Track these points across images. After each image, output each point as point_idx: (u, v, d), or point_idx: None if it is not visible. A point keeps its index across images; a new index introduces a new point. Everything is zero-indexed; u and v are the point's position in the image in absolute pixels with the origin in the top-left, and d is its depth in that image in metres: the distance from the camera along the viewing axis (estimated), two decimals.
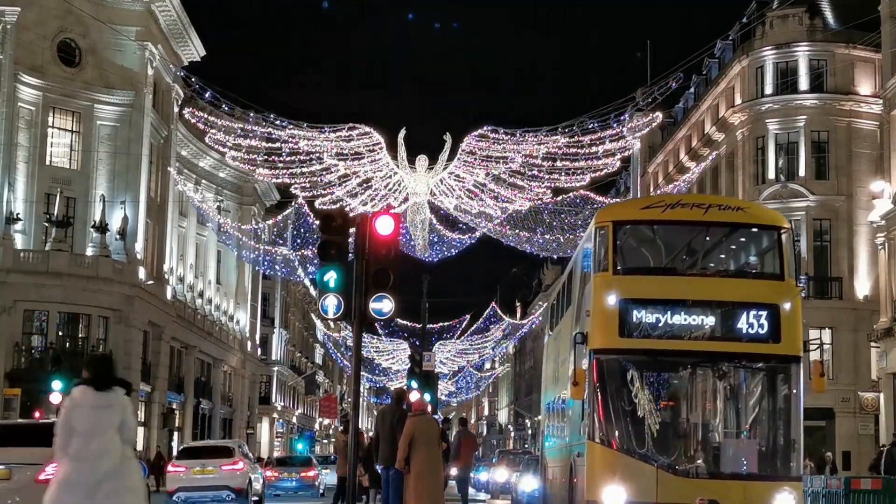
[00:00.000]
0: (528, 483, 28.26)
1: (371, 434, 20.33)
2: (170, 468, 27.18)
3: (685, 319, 14.85)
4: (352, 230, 15.98)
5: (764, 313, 14.75)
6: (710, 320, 14.95)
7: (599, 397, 14.75)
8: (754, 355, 14.97)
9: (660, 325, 14.80)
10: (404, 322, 63.86)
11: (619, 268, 15.21)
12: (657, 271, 15.91)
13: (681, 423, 15.34)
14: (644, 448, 14.70)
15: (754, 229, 16.00)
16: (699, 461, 14.84)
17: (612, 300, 14.78)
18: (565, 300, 19.58)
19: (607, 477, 14.49)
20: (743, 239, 16.22)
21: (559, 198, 35.38)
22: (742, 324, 14.78)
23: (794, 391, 14.84)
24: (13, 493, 14.10)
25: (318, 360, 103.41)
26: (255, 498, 27.19)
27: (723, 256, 16.39)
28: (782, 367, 14.89)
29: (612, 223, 15.43)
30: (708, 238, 16.00)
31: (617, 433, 14.79)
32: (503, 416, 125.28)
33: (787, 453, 14.91)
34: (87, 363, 9.12)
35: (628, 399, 14.83)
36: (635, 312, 14.82)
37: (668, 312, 14.81)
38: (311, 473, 38.32)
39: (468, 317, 70.93)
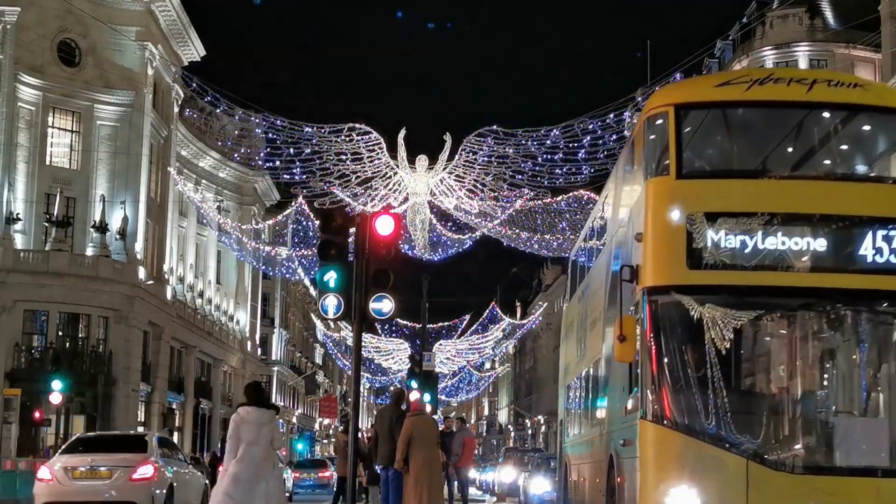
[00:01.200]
0: (540, 485, 26.11)
1: (368, 433, 20.36)
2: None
3: (782, 242, 10.41)
4: (352, 230, 16.01)
5: None
6: (818, 243, 10.47)
7: (656, 358, 10.35)
8: (885, 293, 10.44)
9: (745, 250, 10.40)
10: (404, 322, 63.85)
11: (684, 170, 10.76)
12: (740, 174, 11.33)
13: (778, 394, 10.91)
14: (726, 430, 10.19)
15: (879, 113, 11.26)
16: (807, 450, 10.37)
17: (675, 216, 10.49)
18: (595, 238, 15.04)
19: (673, 473, 10.09)
20: (863, 127, 11.54)
21: (559, 198, 35.38)
22: (866, 248, 10.45)
23: None
24: (111, 489, 17.70)
25: (318, 360, 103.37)
26: (286, 494, 29.61)
27: (835, 152, 11.57)
28: None
29: (673, 107, 10.95)
30: (814, 125, 11.36)
31: (685, 409, 10.27)
32: (503, 416, 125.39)
33: None
34: (247, 390, 11.69)
35: (700, 359, 10.32)
36: (710, 233, 10.39)
37: (758, 232, 10.40)
38: (327, 474, 42.54)
39: (468, 317, 70.94)
